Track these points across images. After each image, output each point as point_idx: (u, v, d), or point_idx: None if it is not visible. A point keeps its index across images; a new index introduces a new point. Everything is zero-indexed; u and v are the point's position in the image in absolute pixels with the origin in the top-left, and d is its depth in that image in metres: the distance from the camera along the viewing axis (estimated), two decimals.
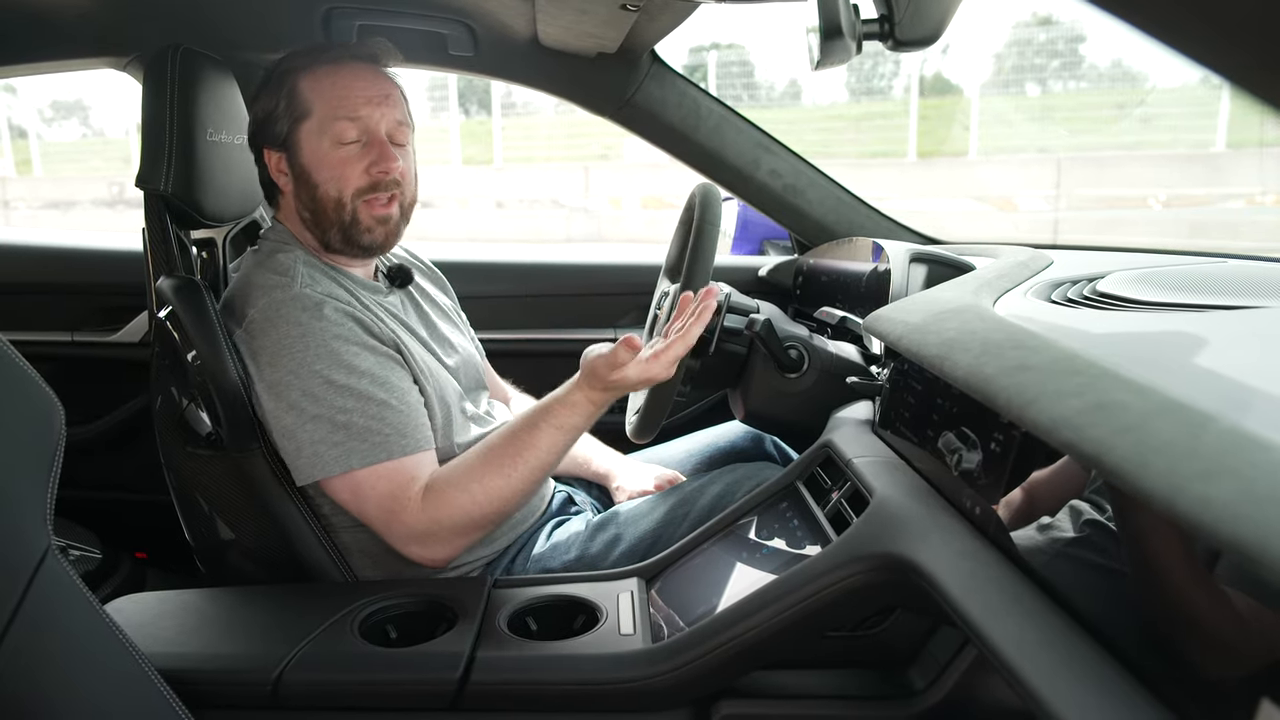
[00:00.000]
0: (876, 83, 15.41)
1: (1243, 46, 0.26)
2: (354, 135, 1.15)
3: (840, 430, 1.10)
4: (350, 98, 1.14)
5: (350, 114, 1.14)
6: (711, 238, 1.18)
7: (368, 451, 1.06)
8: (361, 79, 1.16)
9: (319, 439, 1.06)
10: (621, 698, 0.89)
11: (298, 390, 1.07)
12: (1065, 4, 14.04)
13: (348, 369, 1.07)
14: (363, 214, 1.17)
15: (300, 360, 1.07)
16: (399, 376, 1.12)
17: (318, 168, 1.16)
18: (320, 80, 1.15)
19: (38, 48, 1.54)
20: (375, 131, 1.16)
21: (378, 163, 1.15)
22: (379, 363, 1.10)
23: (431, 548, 1.09)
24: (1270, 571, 0.39)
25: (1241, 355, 0.69)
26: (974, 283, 1.09)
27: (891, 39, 1.04)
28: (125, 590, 1.35)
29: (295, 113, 1.16)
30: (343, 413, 1.06)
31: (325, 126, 1.15)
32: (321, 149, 1.15)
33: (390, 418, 1.07)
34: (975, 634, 0.67)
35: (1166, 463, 0.48)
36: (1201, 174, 9.85)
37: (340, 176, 1.15)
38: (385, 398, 1.08)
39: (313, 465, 1.07)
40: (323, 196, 1.16)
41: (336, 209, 1.16)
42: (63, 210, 13.48)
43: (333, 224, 1.17)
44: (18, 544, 0.68)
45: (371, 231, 1.18)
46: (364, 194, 1.16)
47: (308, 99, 1.15)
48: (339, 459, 1.06)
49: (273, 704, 0.90)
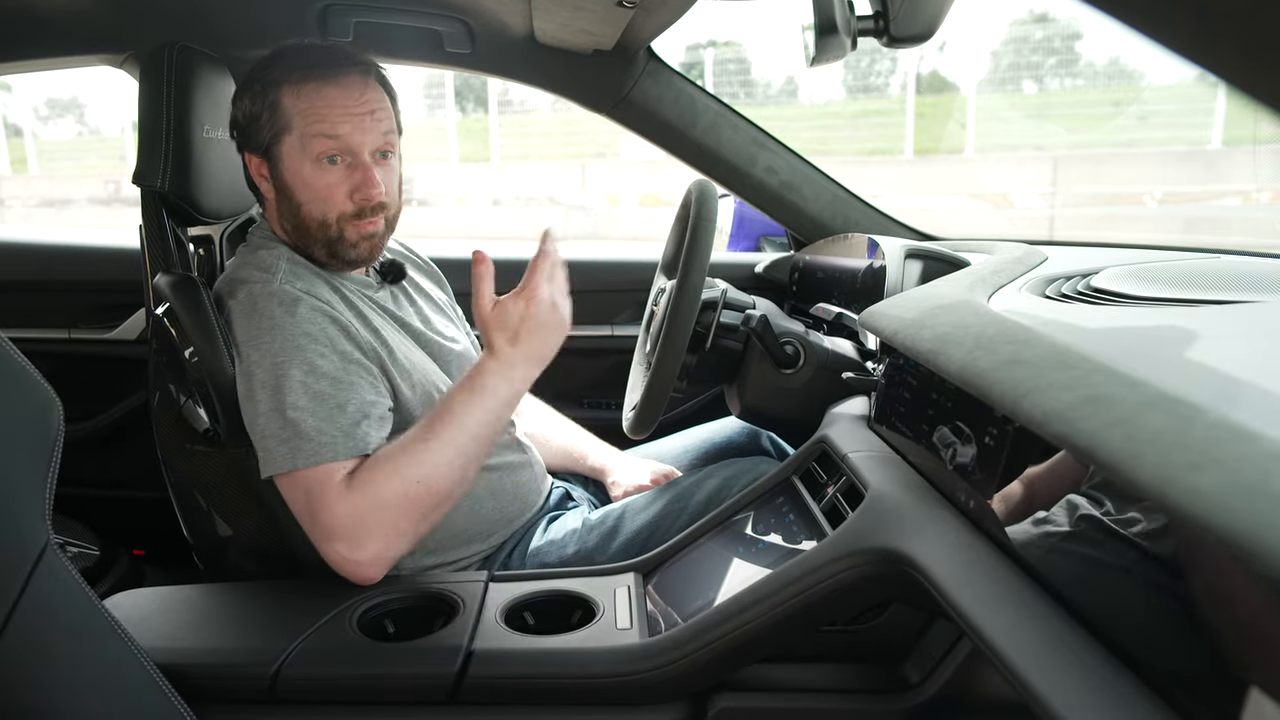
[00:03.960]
0: (873, 80, 15.41)
1: (1233, 43, 0.26)
2: (331, 152, 1.12)
3: (836, 425, 1.10)
4: (331, 116, 1.11)
5: (329, 132, 1.11)
6: (708, 234, 1.18)
7: (313, 451, 1.02)
8: (347, 94, 1.12)
9: (270, 434, 1.04)
10: (618, 691, 0.90)
11: (257, 382, 1.06)
12: (1062, 1, 14.03)
13: (309, 367, 1.05)
14: (349, 232, 1.15)
15: (265, 353, 1.06)
16: (365, 384, 1.09)
17: (300, 187, 1.14)
18: (303, 96, 1.12)
19: (33, 45, 1.54)
20: (358, 152, 1.13)
21: (361, 189, 1.13)
22: (344, 368, 1.08)
23: (360, 543, 1.00)
24: (1256, 561, 0.40)
25: (1232, 349, 0.70)
26: (969, 278, 1.09)
27: (886, 35, 1.05)
28: (123, 586, 1.35)
29: (277, 125, 1.13)
30: (294, 409, 1.04)
31: (306, 145, 1.12)
32: (304, 169, 1.13)
33: (341, 421, 1.04)
34: (970, 628, 0.67)
35: (1157, 454, 0.48)
36: (1197, 171, 9.87)
37: (324, 199, 1.13)
38: (341, 401, 1.05)
39: (265, 461, 1.05)
40: (306, 216, 1.15)
41: (321, 229, 1.15)
42: (58, 208, 13.44)
43: (316, 241, 1.16)
44: (17, 539, 0.68)
45: (357, 247, 1.17)
46: (350, 218, 1.15)
47: (289, 114, 1.12)
48: (286, 457, 1.03)
49: (271, 698, 0.91)
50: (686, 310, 1.15)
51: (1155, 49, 0.28)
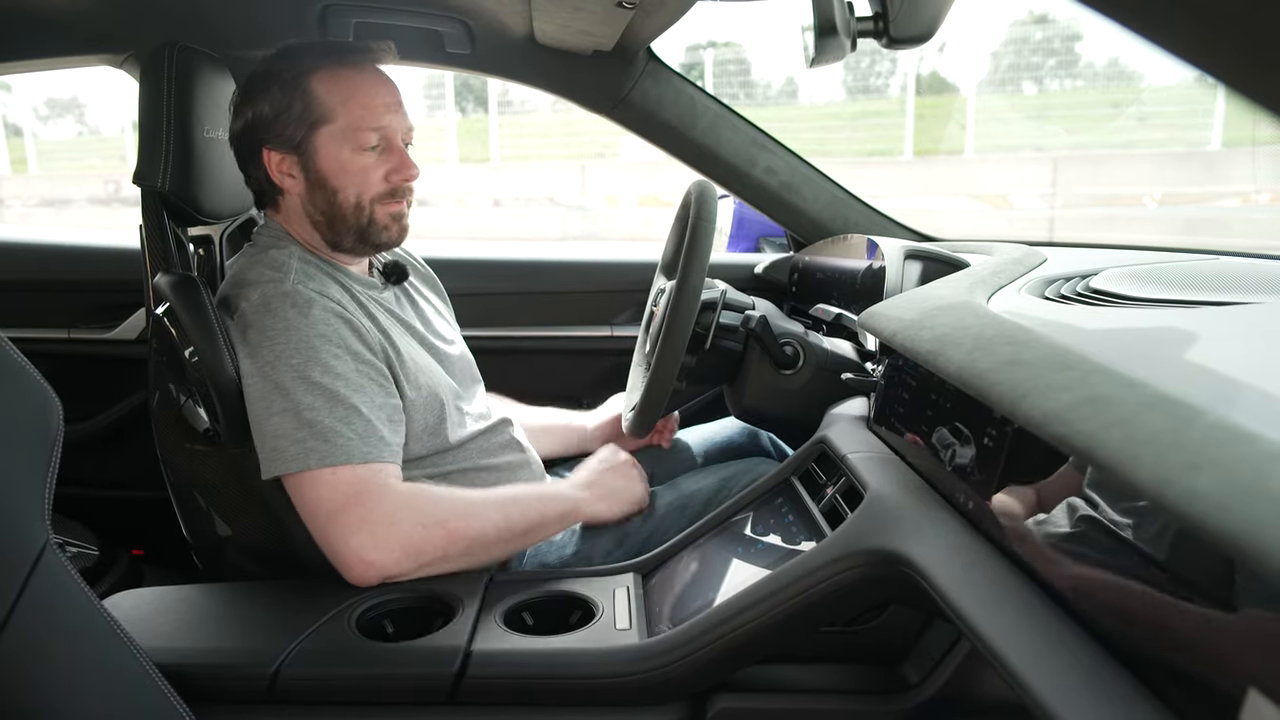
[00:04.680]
0: (873, 81, 15.43)
1: (1232, 45, 0.26)
2: (375, 142, 1.16)
3: (835, 426, 1.10)
4: (375, 106, 1.15)
5: (375, 124, 1.15)
6: (708, 235, 1.18)
7: (327, 453, 1.03)
8: (382, 86, 1.17)
9: (281, 434, 1.04)
10: (617, 692, 0.90)
11: (271, 382, 1.06)
12: (1061, 2, 14.04)
13: (323, 368, 1.06)
14: (379, 214, 1.18)
15: (279, 353, 1.06)
16: (376, 386, 1.09)
17: (338, 174, 1.16)
18: (342, 85, 1.14)
19: (34, 45, 1.54)
20: (393, 139, 1.17)
21: (398, 170, 1.17)
22: (357, 369, 1.08)
23: (383, 544, 1.01)
24: (1253, 562, 0.40)
25: (1231, 350, 0.70)
26: (968, 279, 1.09)
27: (886, 36, 1.05)
28: (122, 586, 1.35)
29: (312, 116, 1.14)
30: (309, 410, 1.04)
31: (349, 135, 1.14)
32: (343, 156, 1.15)
33: (357, 423, 1.05)
34: (969, 628, 0.67)
35: (1155, 455, 0.48)
36: (1197, 172, 9.88)
37: (361, 183, 1.16)
38: (356, 403, 1.06)
39: (273, 460, 1.05)
40: (342, 201, 1.17)
41: (355, 212, 1.17)
42: (58, 208, 13.44)
43: (350, 227, 1.18)
44: (16, 539, 0.68)
45: (388, 229, 1.20)
46: (382, 199, 1.18)
47: (327, 103, 1.14)
48: (297, 457, 1.03)
49: (270, 698, 0.90)
50: (686, 311, 1.15)
51: (1154, 51, 0.28)
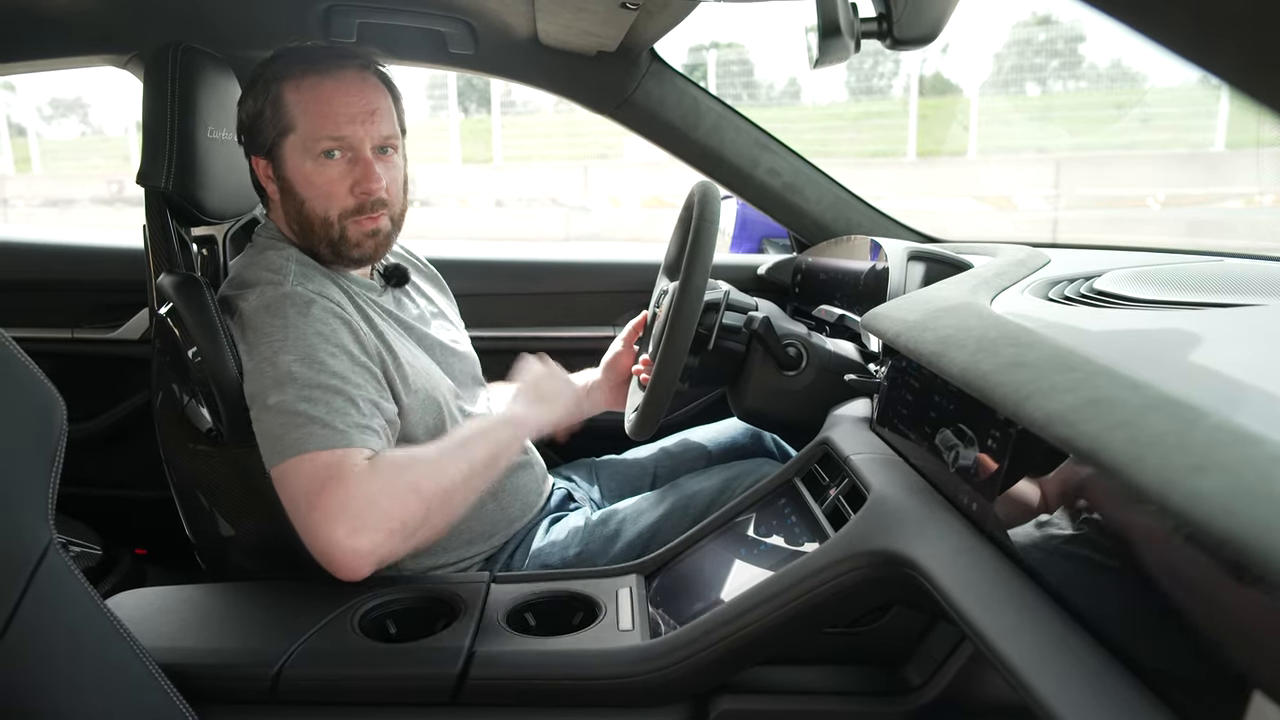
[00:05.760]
0: (876, 82, 15.42)
1: (1235, 45, 0.26)
2: (337, 153, 1.13)
3: (838, 427, 1.10)
4: (335, 115, 1.12)
5: (334, 133, 1.12)
6: (710, 236, 1.18)
7: (325, 438, 1.01)
8: (349, 93, 1.13)
9: (281, 423, 1.03)
10: (620, 693, 0.90)
11: (269, 379, 1.05)
12: (1064, 3, 14.02)
13: (319, 365, 1.05)
14: (351, 231, 1.16)
15: (276, 349, 1.06)
16: (372, 387, 1.09)
17: (303, 184, 1.14)
18: (305, 92, 1.12)
19: (38, 45, 1.55)
20: (359, 147, 1.13)
21: (361, 183, 1.14)
22: (354, 370, 1.08)
23: (362, 530, 0.97)
24: (1257, 565, 0.40)
25: (1235, 352, 0.70)
26: (971, 281, 1.09)
27: (890, 37, 1.04)
28: (125, 586, 1.35)
29: (280, 124, 1.13)
30: (305, 401, 1.03)
31: (308, 145, 1.12)
32: (305, 166, 1.13)
33: (353, 414, 1.04)
34: (971, 630, 0.67)
35: (1159, 457, 0.48)
36: (1200, 174, 9.86)
37: (326, 195, 1.14)
38: (353, 396, 1.05)
39: (273, 451, 1.03)
40: (309, 213, 1.15)
41: (324, 226, 1.15)
42: (61, 208, 13.46)
43: (321, 239, 1.16)
44: (20, 538, 0.68)
45: (361, 246, 1.17)
46: (351, 215, 1.15)
47: (291, 112, 1.13)
48: (296, 442, 1.01)
49: (273, 698, 0.91)
50: (689, 312, 1.15)
51: (1157, 52, 0.28)
